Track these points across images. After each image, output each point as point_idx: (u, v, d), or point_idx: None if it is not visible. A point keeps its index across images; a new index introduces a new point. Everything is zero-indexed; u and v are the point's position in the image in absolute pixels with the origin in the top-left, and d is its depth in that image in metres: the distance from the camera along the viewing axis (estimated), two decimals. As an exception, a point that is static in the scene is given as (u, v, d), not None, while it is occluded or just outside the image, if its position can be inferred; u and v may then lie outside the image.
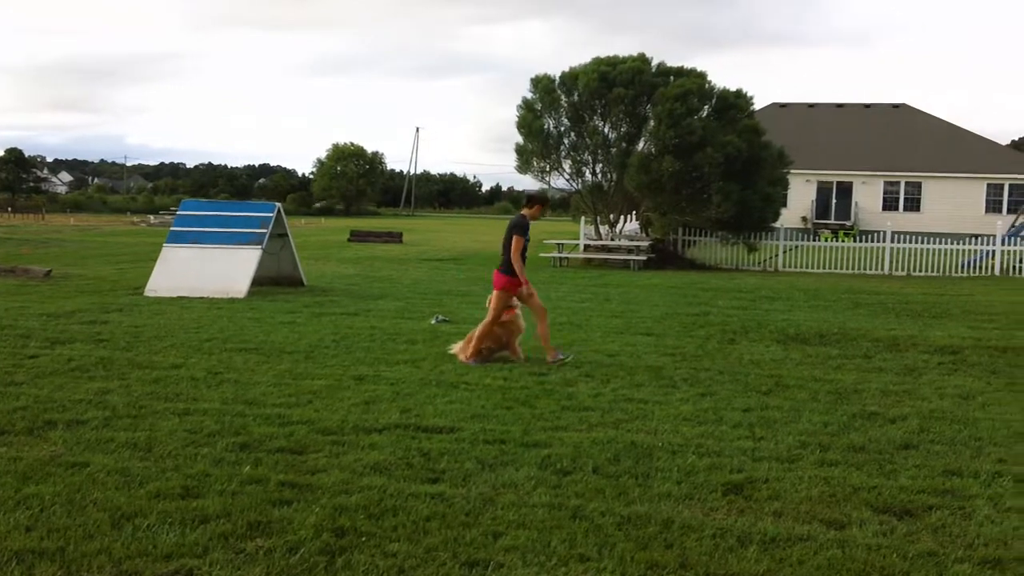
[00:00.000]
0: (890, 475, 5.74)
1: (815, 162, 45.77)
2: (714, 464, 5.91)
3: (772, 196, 25.59)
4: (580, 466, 5.82)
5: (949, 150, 47.11)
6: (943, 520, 4.95)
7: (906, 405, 7.74)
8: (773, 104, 52.20)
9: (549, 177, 27.48)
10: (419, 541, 4.57)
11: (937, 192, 46.09)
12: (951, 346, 10.94)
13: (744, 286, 19.21)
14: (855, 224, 44.72)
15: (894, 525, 4.88)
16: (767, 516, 5.00)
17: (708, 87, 25.21)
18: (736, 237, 25.69)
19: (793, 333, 11.76)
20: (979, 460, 6.12)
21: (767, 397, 7.97)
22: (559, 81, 25.98)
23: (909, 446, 6.44)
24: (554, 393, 7.97)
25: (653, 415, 7.22)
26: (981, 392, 8.36)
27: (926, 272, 24.78)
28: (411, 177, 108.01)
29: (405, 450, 6.11)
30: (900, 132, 49.34)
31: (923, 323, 13.38)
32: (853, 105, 53.43)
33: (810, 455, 6.15)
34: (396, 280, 19.18)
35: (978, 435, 6.75)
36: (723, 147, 23.61)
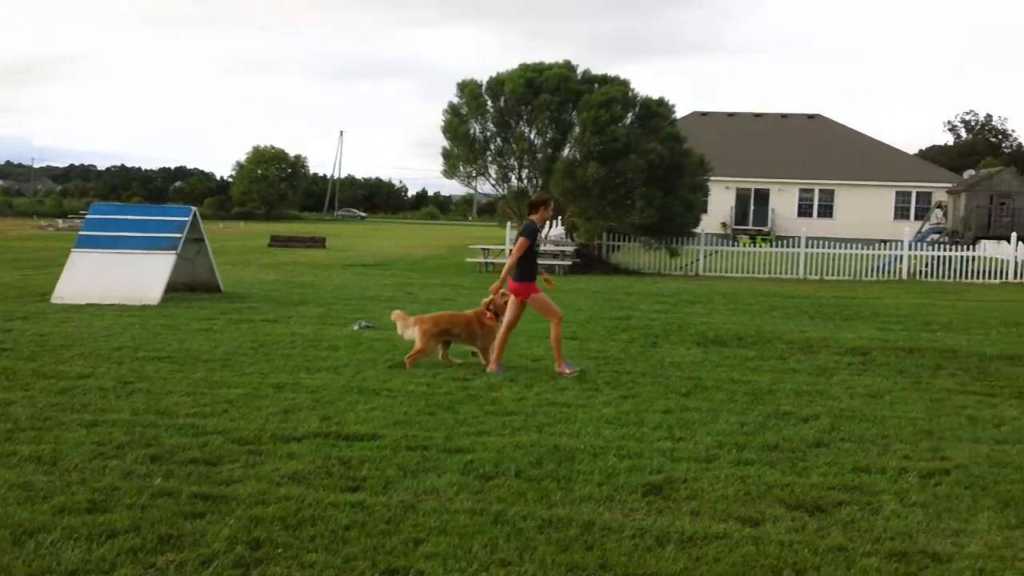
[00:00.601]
0: (802, 472, 5.90)
1: (734, 169, 46.77)
2: (634, 465, 5.98)
3: (693, 202, 26.11)
4: (503, 470, 5.83)
5: (860, 159, 48.66)
6: (852, 515, 5.11)
7: (818, 404, 7.96)
8: (694, 112, 53.19)
9: (475, 182, 27.61)
10: (338, 551, 4.51)
11: (849, 199, 47.55)
12: (861, 347, 11.29)
13: (666, 290, 19.54)
14: (772, 230, 45.81)
15: (806, 521, 5.02)
16: (685, 515, 5.09)
17: (632, 95, 25.60)
18: (659, 242, 26.13)
19: (712, 336, 11.99)
20: (886, 457, 6.33)
21: (687, 399, 8.11)
22: (486, 86, 26.08)
23: (821, 444, 6.63)
24: (478, 398, 7.98)
25: (576, 418, 7.28)
26: (889, 391, 8.64)
27: (838, 276, 25.54)
28: (335, 181, 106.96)
29: (325, 459, 6.03)
30: (815, 142, 50.78)
31: (835, 325, 13.78)
32: (770, 115, 54.84)
33: (727, 455, 6.28)
34: (318, 286, 18.95)
35: (885, 433, 6.99)
36: (646, 154, 23.99)
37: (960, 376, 9.54)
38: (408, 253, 32.94)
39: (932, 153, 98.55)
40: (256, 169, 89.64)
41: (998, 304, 18.29)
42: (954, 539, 4.78)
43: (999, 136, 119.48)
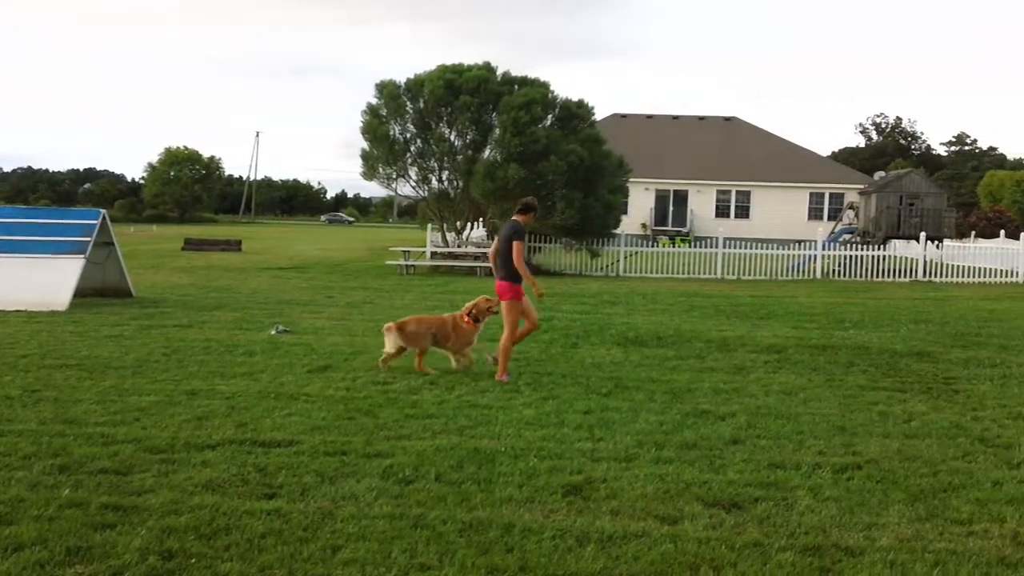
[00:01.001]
0: (720, 470, 5.99)
1: (654, 171, 47.46)
2: (555, 466, 5.99)
3: (613, 203, 26.38)
4: (423, 474, 5.78)
5: (776, 161, 49.84)
6: (768, 511, 5.20)
7: (735, 403, 8.10)
8: (614, 115, 53.80)
9: (396, 184, 27.38)
10: (253, 560, 4.41)
11: (765, 200, 48.66)
12: (776, 345, 11.53)
13: (587, 291, 19.68)
14: (691, 231, 46.61)
15: (723, 518, 5.09)
16: (605, 515, 5.11)
17: (552, 97, 25.74)
18: (580, 243, 26.33)
19: (633, 336, 12.11)
20: (801, 453, 6.46)
21: (607, 399, 8.17)
22: (405, 87, 25.92)
23: (737, 441, 6.74)
24: (398, 402, 7.90)
25: (497, 420, 7.26)
26: (803, 388, 8.84)
27: (755, 276, 26.10)
28: (251, 183, 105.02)
29: (240, 466, 5.90)
30: (731, 144, 51.83)
31: (751, 324, 14.06)
32: (688, 117, 55.78)
33: (646, 454, 6.33)
34: (234, 290, 18.56)
35: (800, 429, 7.14)
36: (566, 155, 24.15)
37: (871, 373, 9.81)
38: (327, 256, 32.52)
39: (845, 155, 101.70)
40: (169, 171, 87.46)
41: (908, 302, 18.90)
42: (866, 532, 4.89)
43: (909, 138, 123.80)
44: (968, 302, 18.93)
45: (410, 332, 9.33)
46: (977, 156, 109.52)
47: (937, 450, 6.56)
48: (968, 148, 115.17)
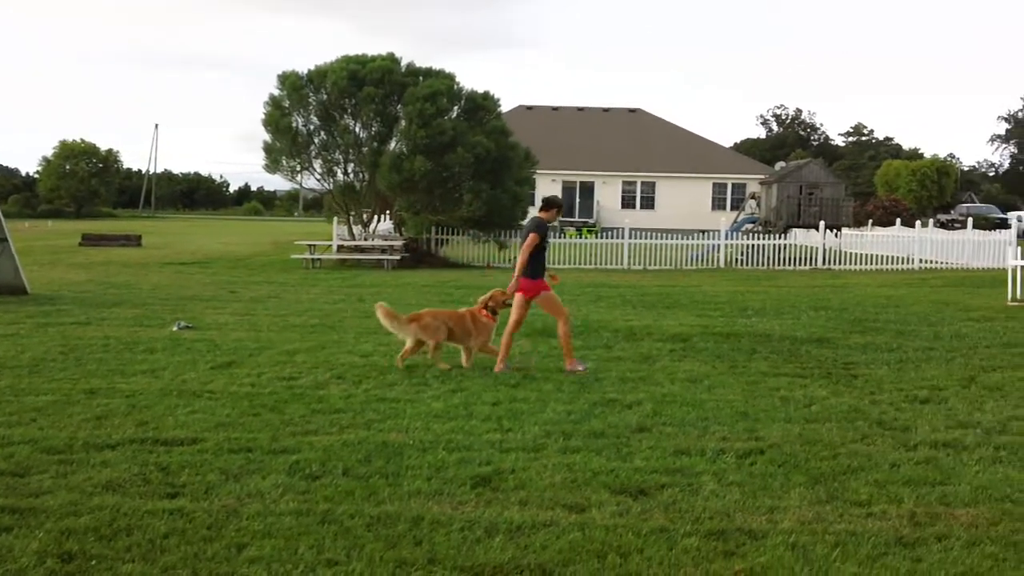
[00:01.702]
0: (626, 457, 6.05)
1: (560, 162, 47.81)
2: (464, 458, 5.96)
3: (520, 195, 26.45)
4: (330, 469, 5.69)
5: (680, 152, 50.79)
6: (674, 497, 5.27)
7: (641, 391, 8.20)
8: (520, 106, 53.99)
9: (300, 176, 26.90)
10: (155, 560, 4.29)
11: (670, 191, 49.55)
12: (682, 334, 11.73)
13: (495, 283, 19.61)
14: (597, 222, 47.14)
15: (630, 505, 5.14)
16: (513, 505, 5.10)
17: (457, 88, 25.63)
18: (487, 235, 26.33)
19: (540, 327, 12.13)
20: (705, 439, 6.57)
21: (515, 390, 8.17)
22: (307, 78, 25.44)
23: (644, 429, 6.82)
24: (304, 397, 7.76)
25: (405, 413, 7.20)
26: (707, 376, 9.01)
27: (660, 265, 26.54)
28: (151, 177, 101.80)
29: (142, 465, 5.72)
30: (636, 135, 52.58)
31: (657, 313, 14.28)
32: (593, 109, 56.36)
33: (554, 443, 6.35)
34: (134, 286, 17.96)
35: (705, 416, 7.27)
36: (473, 147, 24.10)
37: (773, 359, 10.06)
38: (230, 250, 31.75)
39: (746, 146, 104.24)
40: (64, 164, 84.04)
41: (808, 289, 19.47)
42: (769, 516, 5.00)
43: (808, 129, 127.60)
44: (866, 289, 19.61)
45: (426, 324, 9.11)
46: (874, 146, 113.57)
47: (837, 433, 6.75)
48: (865, 139, 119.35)
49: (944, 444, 6.45)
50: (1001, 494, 5.34)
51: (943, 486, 5.50)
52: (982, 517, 4.96)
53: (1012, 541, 4.63)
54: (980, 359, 10.05)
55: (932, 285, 20.59)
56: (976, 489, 5.42)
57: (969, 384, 8.64)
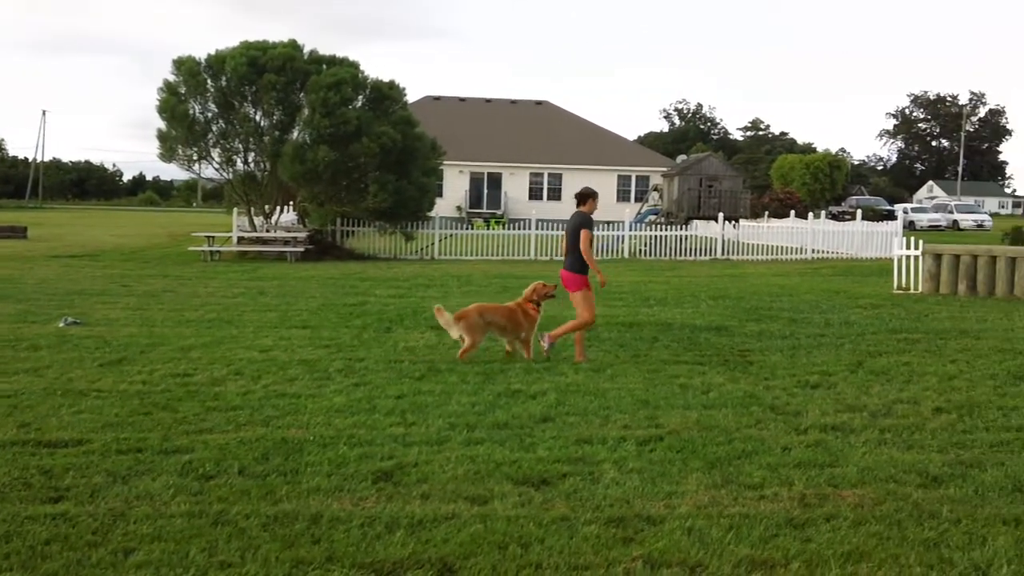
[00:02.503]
0: (530, 448, 6.06)
1: (468, 154, 47.74)
2: (365, 453, 5.88)
3: (427, 186, 26.28)
4: (225, 469, 5.53)
5: (585, 145, 51.31)
6: (575, 486, 5.30)
7: (546, 381, 8.24)
8: (427, 97, 53.69)
9: (198, 166, 26.14)
10: (36, 568, 4.10)
11: (576, 183, 49.74)
12: (586, 324, 11.80)
13: (401, 275, 19.54)
14: (505, 213, 47.26)
15: (532, 495, 5.15)
16: (415, 499, 5.05)
17: (362, 77, 25.27)
18: (394, 227, 26.09)
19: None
20: (607, 427, 6.64)
21: (420, 383, 8.11)
22: (205, 64, 24.71)
23: (547, 419, 6.85)
24: (199, 394, 7.53)
25: (306, 409, 7.06)
26: (610, 365, 9.11)
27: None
28: (38, 165, 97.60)
29: (22, 469, 5.46)
30: (543, 127, 52.90)
31: (564, 304, 14.33)
32: (501, 100, 56.47)
33: (458, 436, 6.32)
34: (18, 280, 17.16)
35: (607, 405, 7.34)
36: (378, 137, 23.81)
37: (674, 347, 10.23)
38: (123, 242, 30.68)
39: (650, 139, 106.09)
40: (-56, 152, 79.93)
41: (707, 279, 19.91)
42: (667, 501, 5.07)
43: (708, 124, 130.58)
44: (762, 278, 20.16)
45: (471, 324, 9.18)
46: (770, 141, 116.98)
47: (732, 419, 6.91)
48: (762, 133, 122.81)
49: (833, 427, 6.67)
50: (886, 475, 5.54)
51: (831, 468, 5.68)
52: (868, 497, 5.14)
53: (896, 520, 4.80)
54: (867, 345, 10.43)
55: (823, 274, 21.30)
56: (862, 470, 5.61)
57: (856, 369, 8.96)
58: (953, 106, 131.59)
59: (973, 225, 53.77)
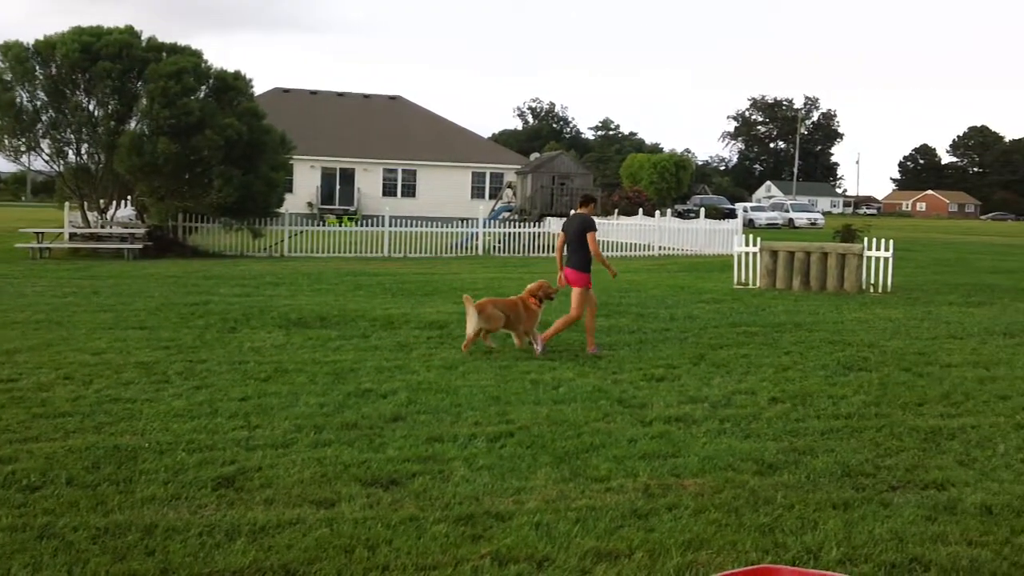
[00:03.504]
0: (379, 448, 5.97)
1: (319, 148, 46.80)
2: (205, 459, 5.64)
3: (275, 181, 25.54)
4: (52, 479, 5.20)
5: (440, 141, 51.17)
6: (425, 485, 5.25)
7: (397, 380, 8.14)
8: (276, 89, 52.30)
9: (26, 157, 24.55)
10: None
11: (430, 179, 49.82)
12: (439, 321, 11.79)
13: (248, 273, 18.93)
14: (358, 209, 46.59)
15: (381, 496, 5.06)
16: (258, 505, 4.89)
17: (205, 67, 24.32)
18: (240, 223, 25.21)
19: (295, 318, 11.80)
20: (458, 425, 6.62)
21: (265, 384, 7.86)
22: (33, 50, 23.19)
23: (398, 418, 6.77)
24: (24, 400, 7.05)
25: (142, 414, 6.72)
26: (463, 362, 9.10)
27: (421, 253, 26.63)
28: None
29: None
30: (397, 122, 52.41)
31: (416, 301, 14.28)
32: (353, 94, 55.59)
33: (305, 438, 6.16)
34: None
35: (458, 402, 7.32)
36: (223, 130, 22.97)
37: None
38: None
39: (504, 137, 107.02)
40: None
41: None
42: (516, 497, 5.10)
43: (561, 122, 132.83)
44: (610, 274, 20.62)
45: (489, 314, 9.65)
46: (620, 140, 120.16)
47: (581, 413, 7.02)
48: (612, 133, 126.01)
49: (676, 419, 6.88)
50: (725, 463, 5.75)
51: (674, 458, 5.85)
52: (708, 486, 5.32)
53: (734, 507, 4.99)
54: (709, 338, 10.83)
55: (669, 270, 22.02)
56: (703, 460, 5.80)
57: (699, 362, 9.29)
58: (789, 110, 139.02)
59: (807, 223, 56.91)
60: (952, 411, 7.34)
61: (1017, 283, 19.67)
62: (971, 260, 27.35)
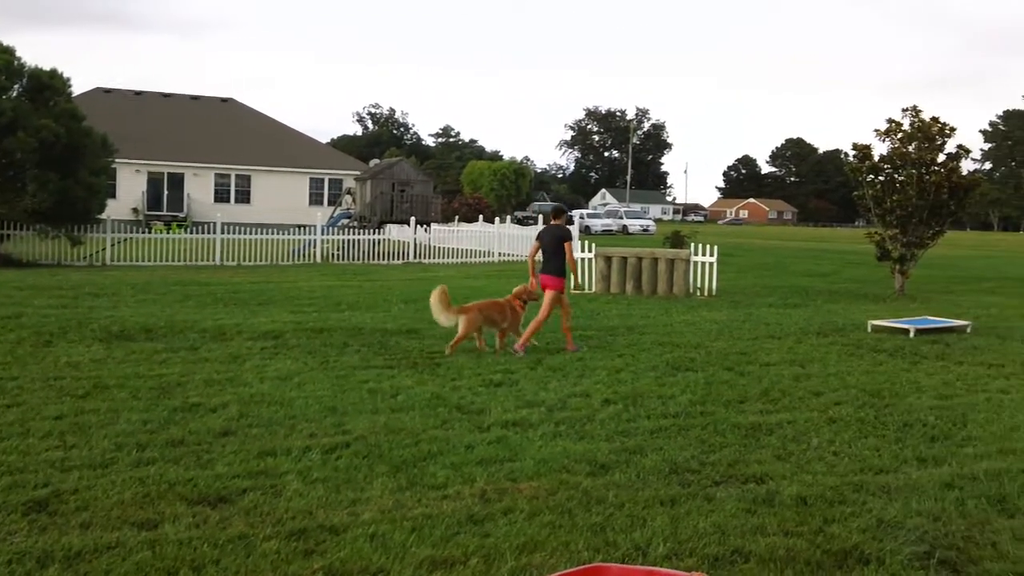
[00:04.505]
0: (207, 465, 5.74)
1: (145, 152, 44.74)
2: (16, 482, 5.27)
3: (97, 186, 24.21)
4: None
5: (275, 146, 49.92)
6: (256, 501, 5.09)
7: (228, 393, 7.86)
8: (97, 89, 49.73)
9: None
10: None
11: (266, 185, 48.53)
12: (274, 331, 11.48)
13: (66, 283, 17.84)
14: (188, 216, 44.83)
15: (208, 515, 4.87)
16: (73, 529, 4.60)
17: (18, 64, 22.82)
18: (57, 230, 23.74)
19: (117, 330, 11.21)
20: (292, 437, 6.45)
21: (83, 401, 7.42)
22: None
23: (228, 433, 6.53)
24: None
25: (-60, 438, 6.19)
26: (298, 372, 8.89)
27: (256, 261, 25.88)
28: None
29: None
30: (229, 126, 50.79)
31: (250, 311, 13.86)
32: (181, 96, 53.53)
33: (126, 456, 5.85)
34: None
35: (293, 414, 7.14)
36: (38, 131, 21.61)
37: (364, 352, 10.18)
38: None
39: (343, 143, 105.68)
40: None
41: (400, 283, 20.08)
42: (351, 509, 5.01)
43: (401, 128, 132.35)
44: (452, 280, 20.62)
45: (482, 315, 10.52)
46: (460, 147, 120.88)
47: (420, 421, 6.98)
48: (453, 140, 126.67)
49: (514, 423, 6.95)
50: (559, 465, 5.86)
51: (511, 463, 5.91)
52: (542, 488, 5.40)
53: (567, 508, 5.08)
54: (546, 343, 11.03)
55: (509, 276, 22.29)
56: (538, 463, 5.89)
57: (536, 366, 9.44)
58: (622, 120, 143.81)
59: (640, 230, 58.98)
60: (771, 407, 7.76)
61: (830, 285, 21.08)
62: (788, 264, 29.07)
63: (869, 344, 11.44)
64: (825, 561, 4.47)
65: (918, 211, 17.94)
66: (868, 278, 22.88)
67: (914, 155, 18.08)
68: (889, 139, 18.44)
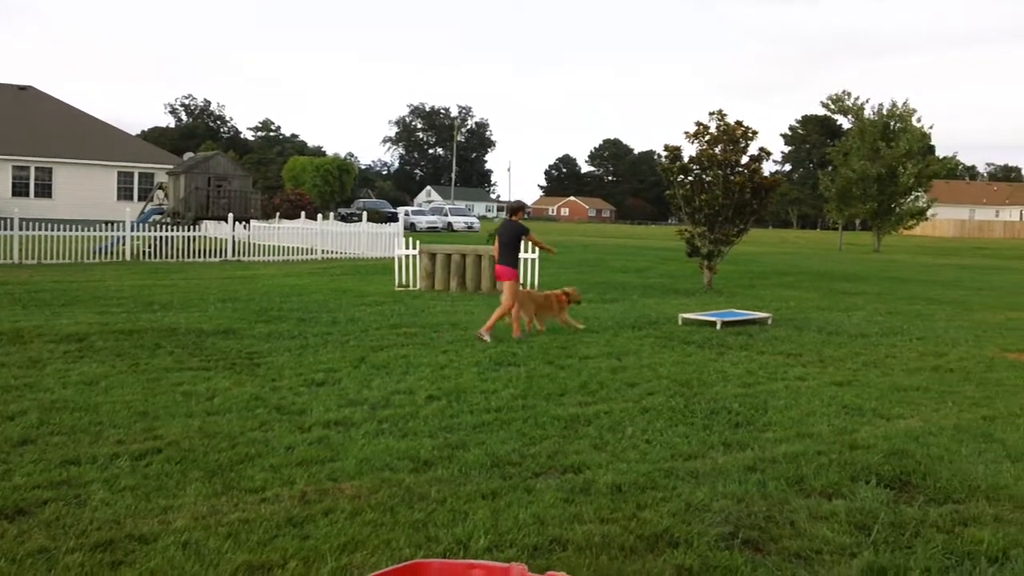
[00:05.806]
0: (3, 476, 5.38)
1: (-70, 141, 41.04)
2: None
3: None
4: None
5: (80, 137, 46.96)
6: (58, 512, 4.81)
7: (27, 399, 7.38)
8: None
9: None
10: None
11: (69, 178, 45.56)
12: (78, 333, 10.84)
13: None
14: (-18, 211, 41.50)
15: (5, 528, 4.57)
16: None
17: None
18: None
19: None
20: (98, 445, 6.13)
21: None
22: None
23: (27, 441, 6.14)
24: None
25: None
26: (105, 376, 8.44)
27: (59, 259, 24.32)
28: None
29: None
30: (28, 116, 47.37)
31: (52, 312, 13.03)
32: (-28, 82, 49.43)
33: (-92, 472, 5.38)
34: None
35: (99, 420, 6.78)
36: None
37: (178, 353, 9.78)
38: None
39: (155, 135, 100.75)
40: None
41: (217, 281, 19.37)
42: (162, 517, 4.82)
43: (218, 121, 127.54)
44: (273, 279, 20.16)
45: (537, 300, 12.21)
46: (281, 142, 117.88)
47: (237, 423, 6.79)
48: (273, 134, 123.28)
49: (336, 423, 6.88)
50: (382, 464, 5.85)
51: (332, 463, 5.85)
52: (365, 487, 5.38)
53: (389, 506, 5.09)
54: (370, 340, 10.97)
55: (332, 274, 21.98)
56: (361, 462, 5.86)
57: (360, 364, 9.37)
58: (446, 118, 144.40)
59: (464, 227, 59.44)
60: (589, 399, 8.03)
61: (644, 281, 21.99)
62: (607, 261, 30.08)
63: (680, 336, 12.02)
64: (638, 546, 4.68)
65: (724, 210, 18.97)
66: (679, 273, 24.01)
67: (720, 157, 19.09)
68: (697, 141, 19.39)
